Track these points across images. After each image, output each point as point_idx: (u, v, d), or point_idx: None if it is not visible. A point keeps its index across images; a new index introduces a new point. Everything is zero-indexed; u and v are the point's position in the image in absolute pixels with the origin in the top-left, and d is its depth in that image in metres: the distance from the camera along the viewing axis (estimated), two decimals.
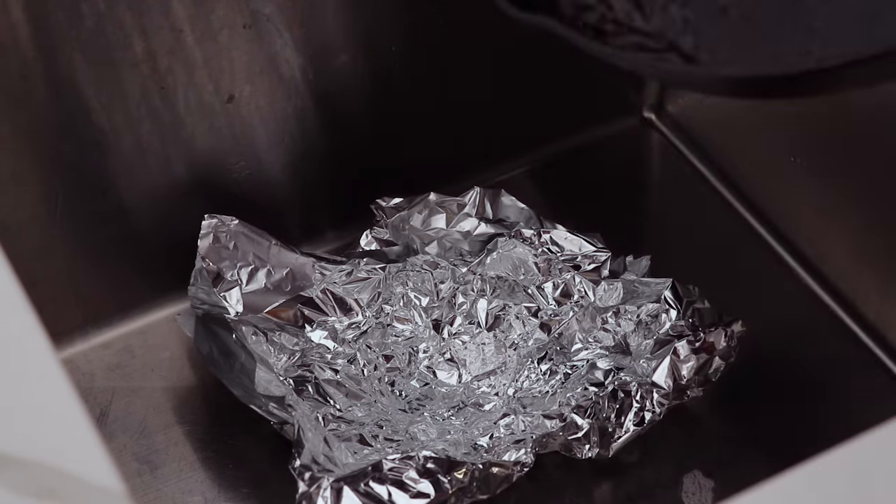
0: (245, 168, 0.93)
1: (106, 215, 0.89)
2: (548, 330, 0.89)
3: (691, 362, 0.84)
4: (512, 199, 0.93)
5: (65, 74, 0.83)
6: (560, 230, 0.92)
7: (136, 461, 0.86)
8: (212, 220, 0.88)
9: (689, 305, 0.87)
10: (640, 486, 0.85)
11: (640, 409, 0.83)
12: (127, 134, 0.87)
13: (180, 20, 0.85)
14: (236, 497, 0.85)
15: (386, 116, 0.96)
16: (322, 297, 0.89)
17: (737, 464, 0.86)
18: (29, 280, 0.66)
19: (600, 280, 0.89)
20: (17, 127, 0.83)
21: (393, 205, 0.93)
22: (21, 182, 0.85)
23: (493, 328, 0.90)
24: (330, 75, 0.92)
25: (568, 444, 0.82)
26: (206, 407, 0.89)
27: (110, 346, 0.93)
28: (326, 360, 0.87)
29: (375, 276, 0.90)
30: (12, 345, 0.61)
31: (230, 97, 0.89)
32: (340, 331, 0.89)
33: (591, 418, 0.82)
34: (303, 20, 0.89)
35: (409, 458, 0.79)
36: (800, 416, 0.88)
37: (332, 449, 0.80)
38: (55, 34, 0.82)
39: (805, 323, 0.94)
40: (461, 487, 0.78)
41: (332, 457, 0.80)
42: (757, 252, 0.98)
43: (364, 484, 0.77)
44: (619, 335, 0.87)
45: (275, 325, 0.87)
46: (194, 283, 0.87)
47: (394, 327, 0.90)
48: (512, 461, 0.80)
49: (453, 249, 0.92)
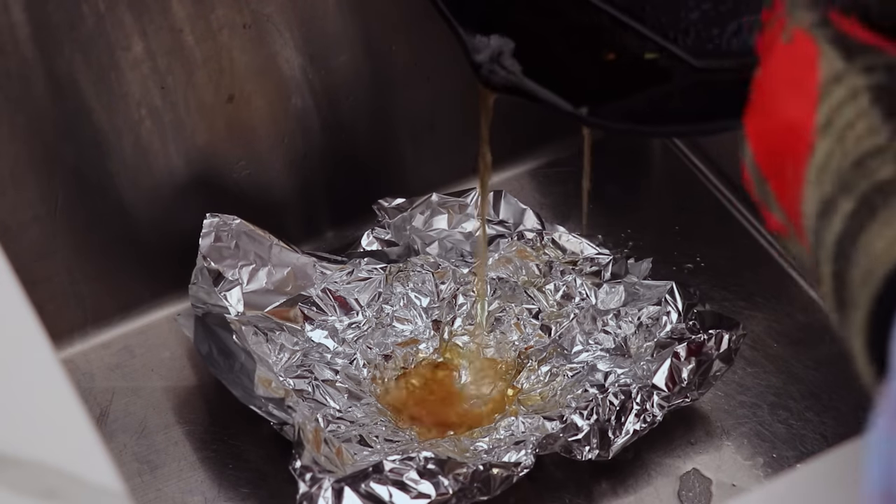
0: (245, 168, 0.93)
1: (106, 215, 0.89)
2: (548, 332, 0.89)
3: (691, 364, 0.83)
4: (514, 201, 0.93)
5: (65, 74, 0.83)
6: (562, 232, 0.92)
7: (136, 461, 0.86)
8: (214, 219, 0.88)
9: (690, 308, 0.87)
10: (639, 486, 0.85)
11: (640, 411, 0.82)
12: (127, 134, 0.87)
13: (180, 20, 0.85)
14: (236, 497, 0.85)
15: (386, 116, 0.96)
16: (322, 297, 0.89)
17: (737, 464, 0.86)
18: (29, 280, 0.66)
19: (602, 283, 0.89)
20: (17, 127, 0.83)
21: (395, 205, 0.93)
22: (21, 182, 0.85)
23: (493, 329, 0.90)
24: (330, 75, 0.92)
25: (568, 446, 0.82)
26: (206, 407, 0.89)
27: (110, 346, 0.93)
28: (326, 360, 0.87)
29: (376, 276, 0.90)
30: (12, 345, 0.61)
31: (230, 97, 0.89)
32: (341, 330, 0.89)
33: (592, 420, 0.82)
34: (303, 20, 0.89)
35: (410, 459, 0.78)
36: (800, 417, 0.88)
37: (332, 450, 0.80)
38: (55, 34, 0.82)
39: (805, 323, 0.94)
40: (462, 488, 0.78)
41: (332, 458, 0.80)
42: (757, 254, 0.98)
43: (365, 484, 0.77)
44: (620, 337, 0.87)
45: (275, 324, 0.87)
46: (195, 282, 0.87)
47: (394, 327, 0.90)
48: (512, 462, 0.80)
49: (454, 250, 0.92)
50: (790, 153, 0.55)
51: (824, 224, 0.53)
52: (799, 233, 0.55)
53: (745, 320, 0.89)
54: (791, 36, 0.55)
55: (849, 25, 0.54)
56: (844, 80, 0.53)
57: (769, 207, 0.57)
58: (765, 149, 0.56)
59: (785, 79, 0.55)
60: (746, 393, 0.89)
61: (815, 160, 0.53)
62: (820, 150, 0.53)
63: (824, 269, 0.53)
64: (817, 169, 0.53)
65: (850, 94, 0.53)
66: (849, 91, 0.53)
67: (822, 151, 0.53)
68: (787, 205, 0.56)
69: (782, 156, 0.55)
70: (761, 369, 0.91)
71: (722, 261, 0.97)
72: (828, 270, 0.53)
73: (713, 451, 0.87)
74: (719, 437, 0.87)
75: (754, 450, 0.87)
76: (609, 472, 0.85)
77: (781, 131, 0.55)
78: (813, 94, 0.54)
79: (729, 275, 0.96)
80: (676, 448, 0.87)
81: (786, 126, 0.55)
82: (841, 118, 0.53)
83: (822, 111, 0.53)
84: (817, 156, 0.53)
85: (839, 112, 0.53)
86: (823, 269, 0.53)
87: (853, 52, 0.54)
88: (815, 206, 0.53)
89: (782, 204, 0.56)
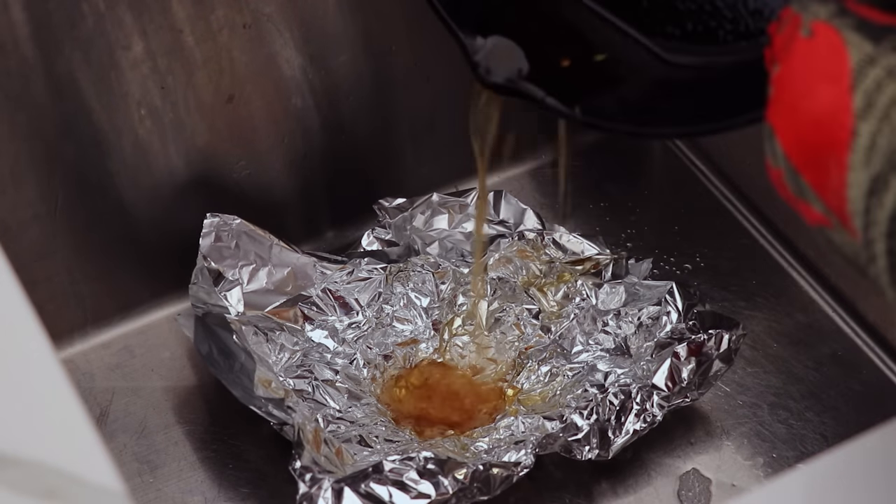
0: (245, 168, 0.93)
1: (106, 215, 0.89)
2: (548, 332, 0.89)
3: (691, 364, 0.83)
4: (514, 201, 0.93)
5: (65, 74, 0.83)
6: (562, 232, 0.92)
7: (136, 461, 0.86)
8: (214, 219, 0.88)
9: (690, 308, 0.87)
10: (639, 486, 0.85)
11: (640, 410, 0.82)
12: (127, 134, 0.87)
13: (180, 20, 0.85)
14: (236, 497, 0.85)
15: (386, 116, 0.96)
16: (322, 297, 0.89)
17: (736, 464, 0.86)
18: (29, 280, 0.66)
19: (602, 283, 0.89)
20: (17, 127, 0.83)
21: (395, 205, 0.93)
22: (21, 182, 0.85)
23: (493, 329, 0.90)
24: (330, 75, 0.92)
25: (568, 446, 0.82)
26: (206, 407, 0.89)
27: (110, 346, 0.93)
28: (326, 360, 0.87)
29: (376, 276, 0.90)
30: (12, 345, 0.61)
31: (230, 97, 0.89)
32: (341, 330, 0.89)
33: (592, 420, 0.82)
34: (303, 20, 0.89)
35: (410, 459, 0.78)
36: (800, 417, 0.88)
37: (332, 450, 0.80)
38: (55, 33, 0.82)
39: (805, 323, 0.94)
40: (461, 488, 0.78)
41: (332, 458, 0.80)
42: (757, 253, 0.98)
43: (365, 485, 0.77)
44: (620, 337, 0.87)
45: (275, 324, 0.87)
46: (195, 282, 0.87)
47: (394, 327, 0.90)
48: (512, 462, 0.80)
49: (455, 250, 0.92)
50: (829, 142, 0.55)
51: (875, 202, 0.54)
52: (844, 219, 0.56)
53: (745, 320, 0.89)
54: (811, 30, 0.56)
55: (867, 10, 0.55)
56: (878, 61, 0.54)
57: (808, 200, 0.58)
58: (798, 143, 0.57)
59: (812, 71, 0.56)
60: (746, 393, 0.89)
61: (859, 143, 0.54)
62: (864, 132, 0.54)
63: (878, 246, 0.54)
64: (864, 150, 0.54)
65: (887, 73, 0.54)
66: (885, 71, 0.54)
67: (866, 133, 0.54)
68: (828, 194, 0.56)
69: (819, 147, 0.56)
70: (761, 369, 0.91)
71: (722, 261, 0.97)
72: (882, 248, 0.54)
73: (713, 451, 0.87)
74: (719, 437, 0.87)
75: (754, 450, 0.87)
76: (609, 471, 0.85)
77: (816, 123, 0.56)
78: (845, 81, 0.55)
79: (729, 275, 0.96)
80: (676, 448, 0.87)
81: (820, 116, 0.56)
82: (882, 97, 0.54)
83: (859, 95, 0.54)
84: (862, 138, 0.54)
85: (879, 92, 0.54)
86: (877, 246, 0.54)
87: (880, 35, 0.55)
88: (864, 186, 0.54)
89: (822, 194, 0.57)
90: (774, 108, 0.58)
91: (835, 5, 0.56)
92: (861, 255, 0.55)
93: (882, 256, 0.54)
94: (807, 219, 0.59)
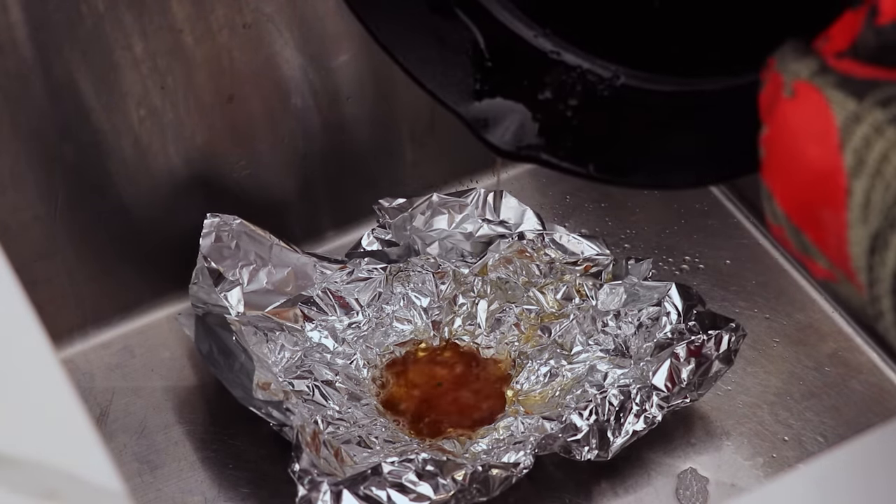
0: (245, 168, 0.93)
1: (106, 215, 0.89)
2: (548, 332, 0.89)
3: (691, 365, 0.83)
4: (514, 201, 0.93)
5: (64, 75, 0.83)
6: (562, 232, 0.92)
7: (136, 461, 0.86)
8: (214, 219, 0.88)
9: (690, 309, 0.87)
10: (638, 486, 0.85)
11: (639, 411, 0.82)
12: (127, 134, 0.87)
13: (180, 20, 0.85)
14: (236, 497, 0.85)
15: (386, 116, 0.96)
16: (322, 297, 0.89)
17: (736, 464, 0.86)
18: (29, 280, 0.66)
19: (602, 283, 0.89)
20: (17, 127, 0.83)
21: (396, 205, 0.93)
22: (21, 182, 0.85)
23: (493, 329, 0.90)
24: (330, 75, 0.92)
25: (567, 446, 0.82)
26: (206, 407, 0.89)
27: (110, 346, 0.93)
28: (326, 361, 0.87)
29: (376, 277, 0.90)
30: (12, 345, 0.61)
31: (230, 97, 0.89)
32: (340, 330, 0.89)
33: (591, 420, 0.82)
34: (303, 20, 0.89)
35: (409, 461, 0.78)
36: (800, 417, 0.88)
37: (331, 452, 0.80)
38: (55, 34, 0.82)
39: (805, 323, 0.94)
40: (461, 489, 0.78)
41: (331, 460, 0.80)
42: (757, 254, 0.98)
43: (364, 487, 0.77)
44: (620, 338, 0.87)
45: (275, 324, 0.87)
46: (195, 282, 0.87)
47: (394, 327, 0.90)
48: (511, 462, 0.80)
49: (455, 250, 0.92)
50: (824, 202, 0.55)
51: (877, 260, 0.53)
52: (849, 275, 0.55)
53: (745, 320, 0.89)
54: (793, 90, 0.55)
55: (849, 65, 0.55)
56: (863, 118, 0.54)
57: (812, 257, 0.58)
58: (795, 203, 0.57)
59: (799, 132, 0.56)
60: (746, 393, 0.89)
61: (854, 201, 0.54)
62: (857, 190, 0.53)
63: (884, 303, 0.54)
64: (859, 208, 0.54)
65: (874, 129, 0.53)
66: (872, 127, 0.53)
67: (860, 191, 0.53)
68: (831, 251, 0.56)
69: (816, 206, 0.56)
70: (761, 369, 0.91)
71: (722, 261, 0.97)
72: (889, 304, 0.53)
73: (713, 452, 0.87)
74: (719, 437, 0.87)
75: (754, 450, 0.87)
76: (608, 472, 0.85)
77: (810, 183, 0.55)
78: (833, 140, 0.54)
79: (729, 275, 0.96)
80: (676, 448, 0.87)
81: (813, 177, 0.55)
82: (872, 154, 0.53)
83: (849, 153, 0.54)
84: (856, 196, 0.54)
85: (868, 149, 0.53)
86: (883, 303, 0.54)
87: (862, 90, 0.54)
88: (864, 244, 0.54)
89: (825, 251, 0.56)
90: (768, 169, 0.58)
91: (815, 63, 0.55)
92: (868, 309, 0.55)
93: (889, 312, 0.54)
94: (813, 274, 0.58)
